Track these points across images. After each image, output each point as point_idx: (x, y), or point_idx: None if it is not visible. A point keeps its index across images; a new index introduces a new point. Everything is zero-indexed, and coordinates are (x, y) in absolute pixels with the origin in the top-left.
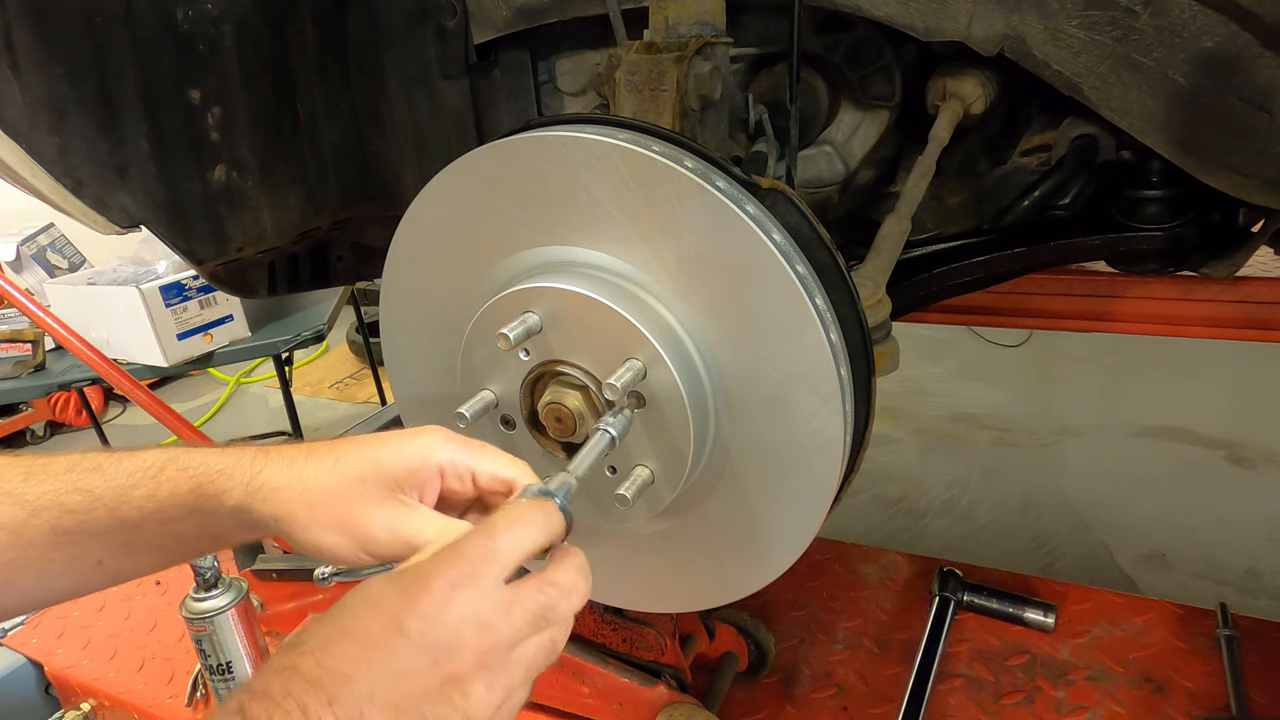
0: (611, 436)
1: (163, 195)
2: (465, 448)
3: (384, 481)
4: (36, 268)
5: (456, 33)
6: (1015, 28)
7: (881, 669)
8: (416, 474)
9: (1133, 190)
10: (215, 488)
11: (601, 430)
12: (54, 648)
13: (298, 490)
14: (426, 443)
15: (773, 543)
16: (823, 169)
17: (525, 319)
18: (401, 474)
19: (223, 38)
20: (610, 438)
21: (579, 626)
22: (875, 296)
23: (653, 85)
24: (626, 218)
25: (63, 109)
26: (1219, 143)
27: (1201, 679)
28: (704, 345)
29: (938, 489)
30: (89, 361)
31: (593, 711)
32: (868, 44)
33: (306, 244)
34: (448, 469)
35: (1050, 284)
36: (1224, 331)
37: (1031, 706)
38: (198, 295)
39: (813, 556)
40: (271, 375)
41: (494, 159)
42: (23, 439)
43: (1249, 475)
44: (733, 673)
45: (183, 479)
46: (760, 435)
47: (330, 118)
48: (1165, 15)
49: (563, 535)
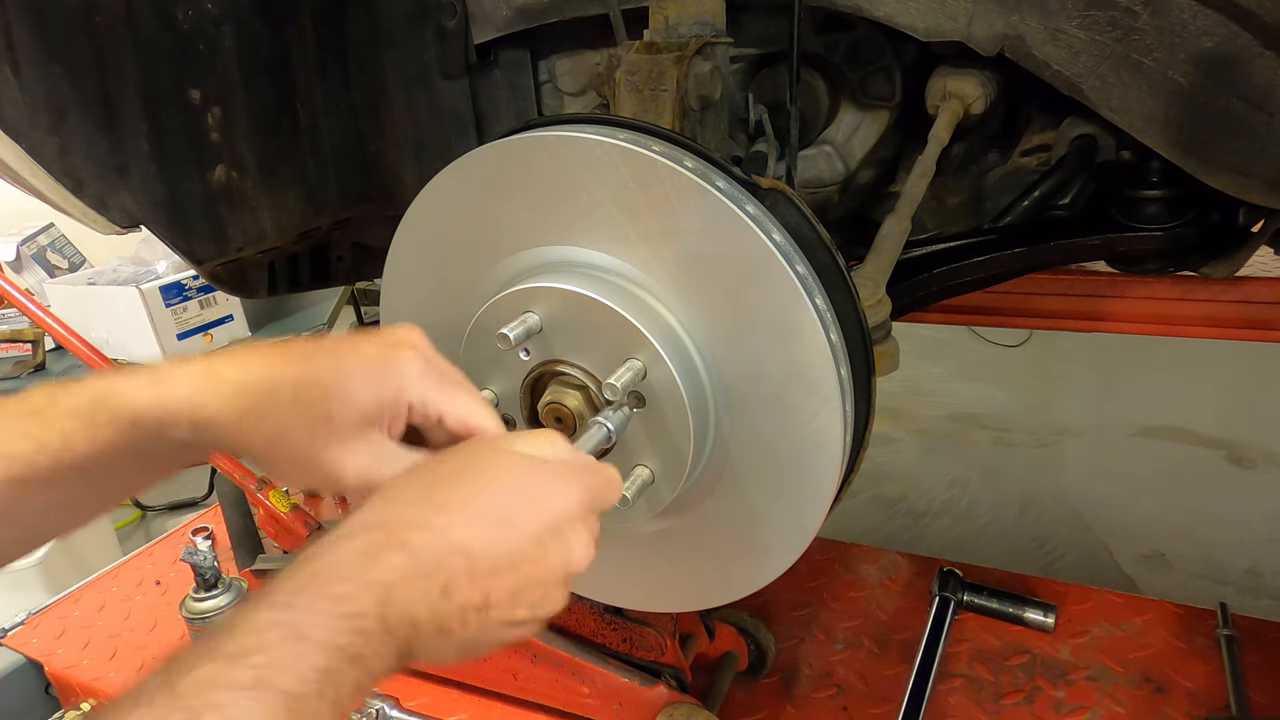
0: (608, 430)
1: (163, 195)
2: (438, 385)
3: (352, 419)
4: (36, 268)
5: (456, 33)
6: (1015, 28)
7: (881, 669)
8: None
9: (1133, 190)
10: (157, 425)
11: (599, 423)
12: (54, 648)
13: (252, 423)
14: (400, 375)
15: (773, 543)
16: (823, 169)
17: (525, 319)
18: (372, 410)
19: (223, 38)
20: (606, 431)
21: (579, 626)
22: (875, 296)
23: (653, 85)
24: (626, 217)
25: (63, 109)
26: (1219, 143)
27: (1201, 679)
28: (704, 345)
29: (938, 489)
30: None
31: (593, 711)
32: (868, 44)
33: (306, 244)
34: (417, 405)
35: (1050, 284)
36: (1224, 331)
37: (1031, 706)
38: (198, 295)
39: (813, 556)
40: None
41: (494, 159)
42: None
43: (1249, 475)
44: (733, 673)
45: (122, 419)
46: (760, 435)
47: (330, 118)
48: (1165, 15)
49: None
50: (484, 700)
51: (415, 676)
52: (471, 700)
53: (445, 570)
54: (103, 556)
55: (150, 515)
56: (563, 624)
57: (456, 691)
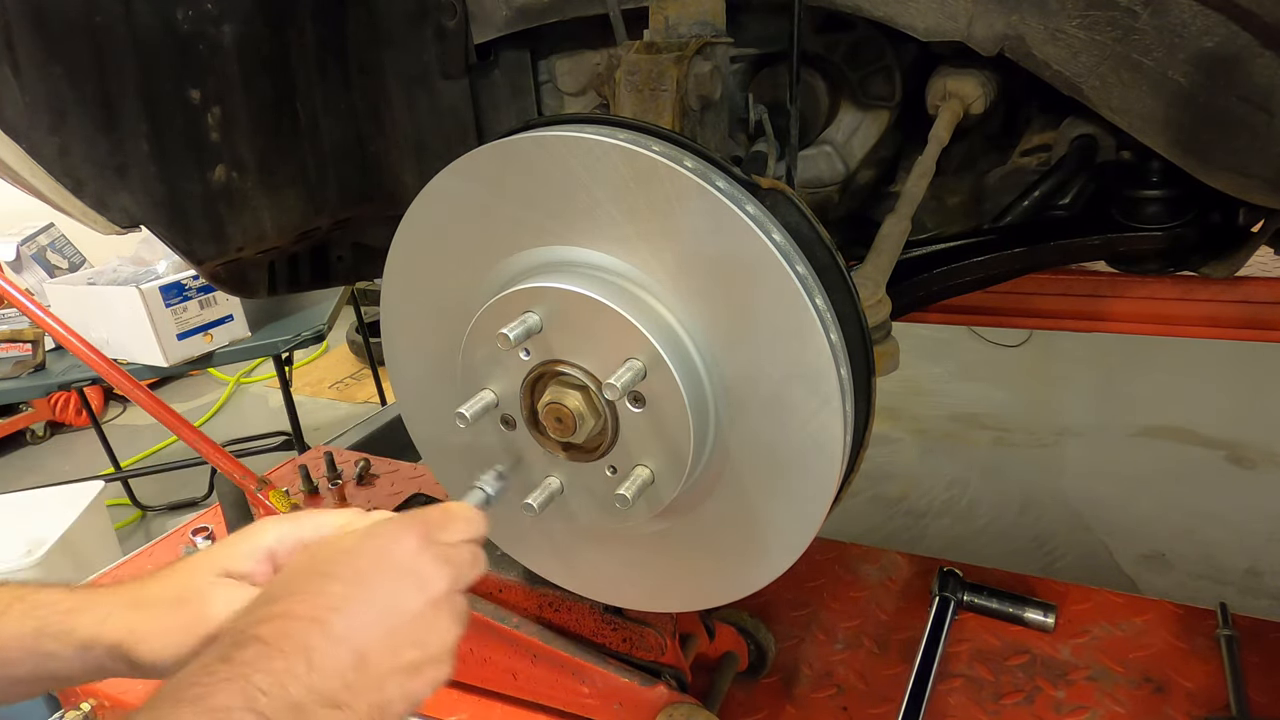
0: (485, 495)
1: (163, 195)
2: (289, 521)
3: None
4: (36, 268)
5: (456, 33)
6: (1015, 28)
7: (881, 669)
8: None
9: (1133, 190)
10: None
11: (476, 489)
12: None
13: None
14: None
15: (772, 543)
16: (823, 169)
17: (525, 319)
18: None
19: (222, 38)
20: (484, 496)
21: (579, 626)
22: (875, 296)
23: (653, 85)
24: (626, 218)
25: (63, 109)
26: (1219, 143)
27: (1201, 679)
28: (704, 345)
29: (938, 489)
30: (89, 361)
31: (593, 711)
32: (868, 44)
33: (306, 244)
34: (277, 546)
35: (1050, 284)
36: (1224, 331)
37: (1031, 706)
38: (198, 295)
39: (813, 556)
40: (271, 375)
41: (494, 159)
42: (23, 439)
43: (1249, 475)
44: (733, 673)
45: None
46: (760, 435)
47: (330, 118)
48: (1165, 15)
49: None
50: (484, 700)
51: None
52: (471, 700)
53: (300, 643)
54: (103, 556)
55: (150, 515)
56: (563, 624)
57: (456, 691)
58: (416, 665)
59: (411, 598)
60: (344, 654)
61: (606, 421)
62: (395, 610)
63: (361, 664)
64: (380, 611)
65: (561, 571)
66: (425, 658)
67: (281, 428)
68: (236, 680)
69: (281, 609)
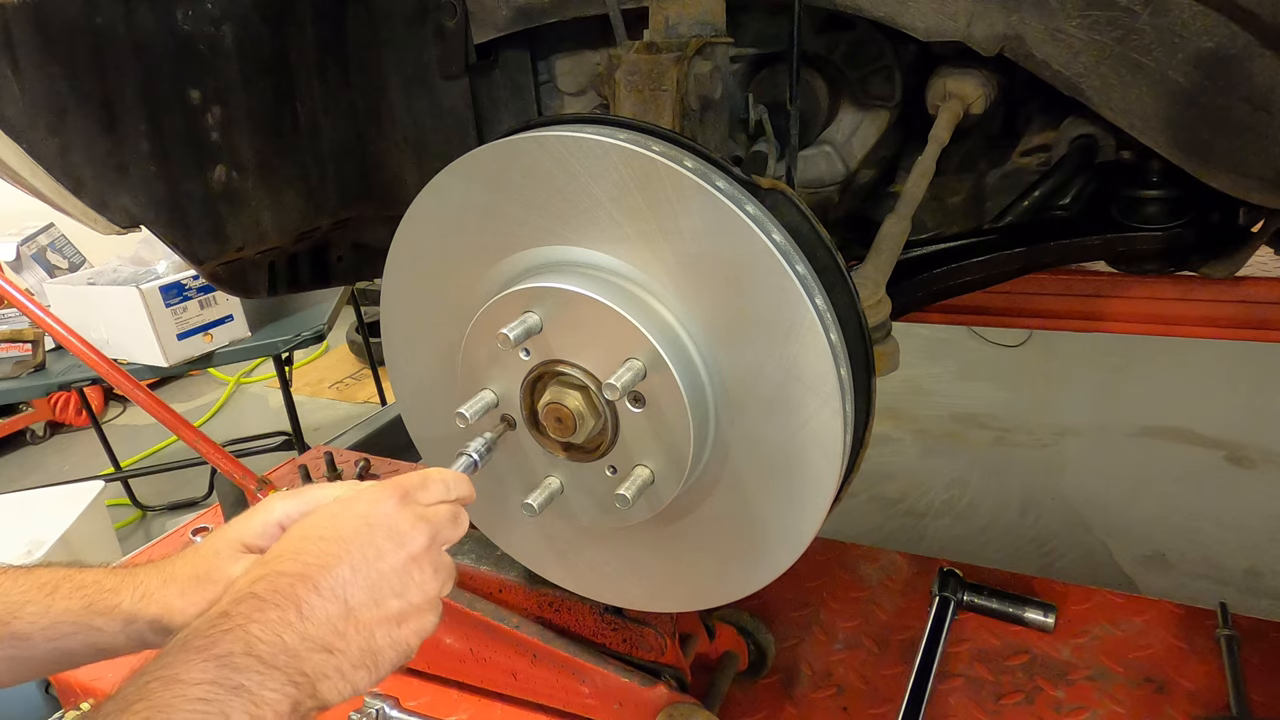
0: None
1: (163, 195)
2: (296, 497)
3: (234, 547)
4: (36, 268)
5: (456, 33)
6: (1015, 28)
7: (881, 669)
8: (261, 534)
9: (1133, 190)
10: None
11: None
12: None
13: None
14: (263, 506)
15: (772, 543)
16: (823, 169)
17: (525, 319)
18: (248, 537)
19: (222, 38)
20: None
21: (579, 626)
22: (875, 296)
23: (653, 85)
24: (626, 218)
25: (63, 109)
26: (1219, 143)
27: (1201, 679)
28: (704, 345)
29: (938, 489)
30: (89, 361)
31: (593, 711)
32: (868, 44)
33: (306, 244)
34: (285, 519)
35: (1050, 284)
36: (1224, 331)
37: (1031, 706)
38: (198, 295)
39: (813, 556)
40: (271, 375)
41: (494, 159)
42: (23, 439)
43: (1249, 475)
44: (733, 673)
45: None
46: (760, 435)
47: (330, 118)
48: (1165, 15)
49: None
50: (484, 700)
51: (415, 676)
52: (471, 700)
53: (290, 596)
54: (103, 556)
55: (150, 515)
56: (563, 624)
57: (456, 691)
58: (401, 614)
59: (391, 553)
60: (332, 605)
61: (606, 421)
62: (376, 565)
63: (349, 614)
64: (362, 566)
65: (561, 571)
66: (408, 607)
67: (281, 428)
68: (235, 630)
69: (275, 569)
